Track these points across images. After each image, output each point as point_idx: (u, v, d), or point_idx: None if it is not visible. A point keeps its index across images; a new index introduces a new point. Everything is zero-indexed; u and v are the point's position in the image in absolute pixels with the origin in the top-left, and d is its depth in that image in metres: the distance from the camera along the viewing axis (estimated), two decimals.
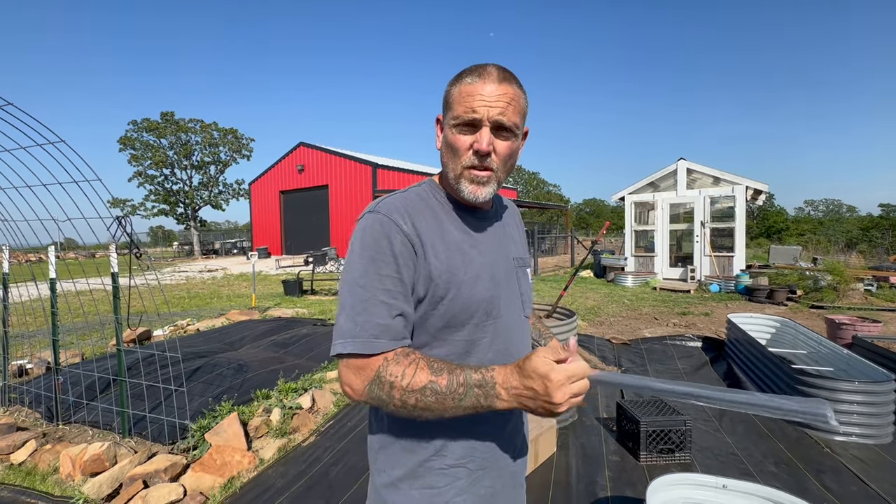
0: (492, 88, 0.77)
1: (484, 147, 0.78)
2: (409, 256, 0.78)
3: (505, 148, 0.81)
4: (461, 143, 0.80)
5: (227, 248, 29.13)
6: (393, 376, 0.71)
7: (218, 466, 2.55)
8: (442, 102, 0.86)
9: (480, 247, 0.88)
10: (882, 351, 3.97)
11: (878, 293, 8.27)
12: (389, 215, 0.79)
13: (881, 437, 2.86)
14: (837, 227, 41.11)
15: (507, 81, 0.79)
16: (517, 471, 0.93)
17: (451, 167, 0.83)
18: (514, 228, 1.03)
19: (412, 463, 0.82)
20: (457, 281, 0.81)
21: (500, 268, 0.90)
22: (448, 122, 0.82)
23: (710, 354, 4.84)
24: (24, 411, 3.35)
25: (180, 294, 10.41)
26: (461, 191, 0.83)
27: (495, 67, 0.80)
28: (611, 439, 2.96)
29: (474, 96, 0.77)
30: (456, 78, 0.82)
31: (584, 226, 53.23)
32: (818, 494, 2.32)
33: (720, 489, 1.67)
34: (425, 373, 0.71)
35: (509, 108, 0.78)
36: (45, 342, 5.33)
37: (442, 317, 0.81)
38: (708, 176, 10.90)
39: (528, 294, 0.98)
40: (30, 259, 16.41)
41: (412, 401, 0.70)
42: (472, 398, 0.70)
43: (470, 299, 0.82)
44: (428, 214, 0.84)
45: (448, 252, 0.82)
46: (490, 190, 0.83)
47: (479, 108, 0.77)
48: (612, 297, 8.82)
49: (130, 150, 29.02)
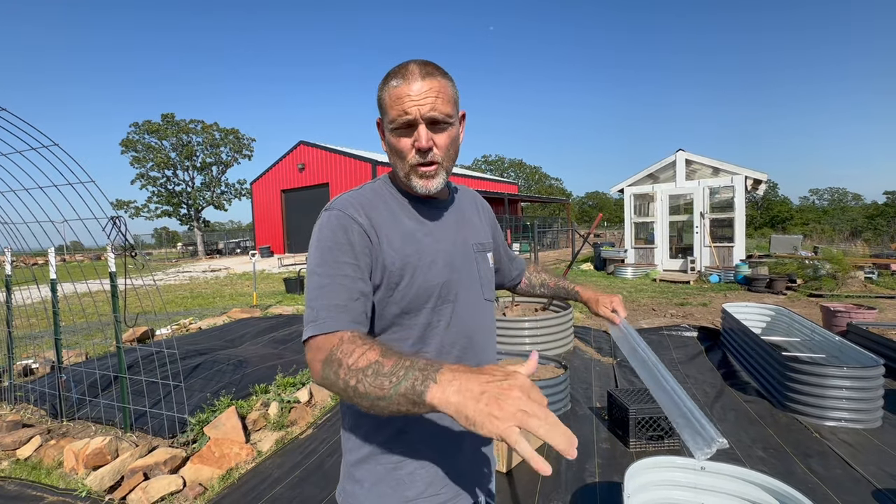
0: (417, 87, 0.80)
1: (424, 144, 0.81)
2: (364, 244, 0.82)
3: (444, 139, 0.84)
4: (403, 144, 0.84)
5: (230, 247, 29.32)
6: (343, 354, 0.68)
7: (216, 458, 2.62)
8: (377, 107, 0.88)
9: (435, 234, 0.91)
10: (875, 337, 4.00)
11: (878, 281, 8.25)
12: (344, 210, 0.84)
13: (870, 422, 2.89)
14: (842, 215, 40.81)
15: (430, 76, 0.81)
16: (482, 444, 0.96)
17: (399, 167, 0.87)
18: (476, 215, 1.06)
19: (377, 441, 0.87)
20: (411, 267, 0.85)
21: (456, 253, 0.93)
22: (387, 127, 0.85)
23: (706, 344, 4.87)
24: (30, 409, 3.44)
25: (183, 294, 10.53)
26: (413, 187, 0.86)
27: (416, 65, 0.82)
28: (602, 427, 3.00)
29: (403, 98, 0.80)
30: (383, 82, 0.85)
31: (586, 219, 53.08)
32: (803, 478, 2.36)
33: (698, 471, 1.72)
34: (375, 353, 0.67)
35: (438, 101, 0.81)
36: (50, 342, 5.42)
37: (398, 303, 0.85)
38: (707, 167, 10.87)
39: (487, 278, 1.01)
40: (37, 262, 16.61)
41: (353, 381, 0.65)
42: (409, 380, 0.60)
43: (425, 283, 0.86)
44: (382, 207, 0.88)
45: (402, 240, 0.86)
46: (439, 181, 0.86)
47: (411, 109, 0.80)
48: (611, 289, 8.84)
49: (132, 152, 29.23)
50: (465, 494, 0.91)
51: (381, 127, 0.89)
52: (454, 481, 0.90)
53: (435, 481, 0.87)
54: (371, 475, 0.87)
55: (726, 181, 10.49)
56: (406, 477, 0.86)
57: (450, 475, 0.89)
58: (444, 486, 0.88)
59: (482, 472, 0.98)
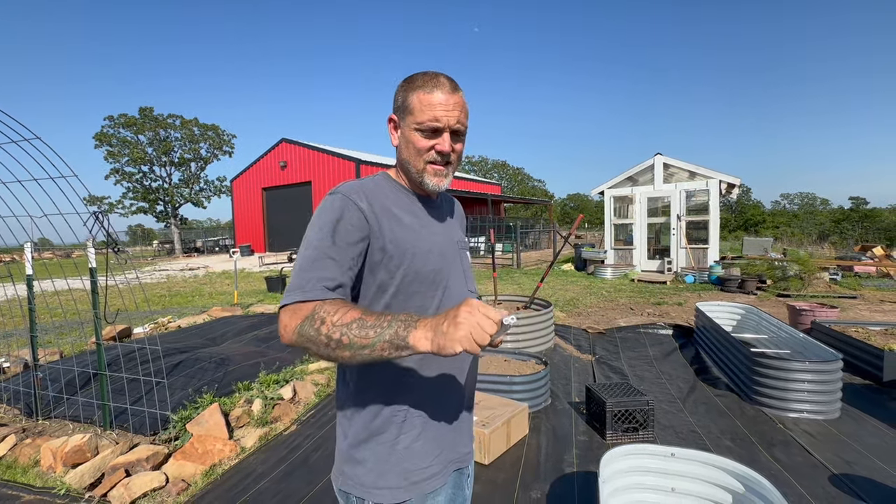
0: (447, 98, 0.90)
1: (447, 149, 0.93)
2: (363, 227, 0.88)
3: (460, 148, 0.97)
4: (423, 144, 0.93)
5: (209, 246, 28.72)
6: (326, 313, 0.75)
7: (199, 455, 2.62)
8: (396, 104, 0.96)
9: (430, 228, 1.00)
10: (836, 334, 4.23)
11: (842, 282, 8.65)
12: (348, 195, 0.90)
13: (830, 413, 3.07)
14: (811, 219, 42.50)
15: (457, 92, 0.92)
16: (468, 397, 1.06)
17: (413, 163, 0.95)
18: (456, 219, 1.16)
19: (377, 422, 0.93)
20: (410, 253, 0.92)
21: (447, 245, 1.02)
22: (409, 126, 0.93)
23: (681, 341, 5.05)
24: (3, 408, 3.36)
25: (161, 292, 10.30)
26: (425, 183, 0.96)
27: (446, 78, 0.93)
28: (581, 421, 3.11)
29: (435, 106, 0.90)
30: (410, 85, 0.93)
31: (568, 220, 53.83)
32: (766, 465, 2.50)
33: (668, 457, 1.82)
34: (358, 312, 0.76)
35: (462, 115, 0.93)
36: (23, 341, 5.27)
37: (398, 285, 0.92)
38: (684, 170, 11.21)
39: (469, 272, 1.11)
40: (3, 259, 15.98)
41: (336, 335, 0.73)
42: (391, 330, 0.73)
43: (423, 268, 0.94)
44: (383, 197, 0.95)
45: (402, 229, 0.94)
46: (448, 181, 0.98)
47: (442, 118, 0.90)
48: (590, 289, 9.04)
49: (107, 146, 28.36)
50: (454, 462, 1.02)
51: (396, 123, 0.98)
52: (446, 450, 0.99)
53: (429, 451, 0.95)
54: (373, 454, 0.93)
55: (702, 185, 10.83)
56: (404, 451, 0.93)
57: (441, 445, 0.98)
58: (437, 456, 0.96)
59: (466, 442, 1.07)
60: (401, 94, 0.95)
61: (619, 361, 4.45)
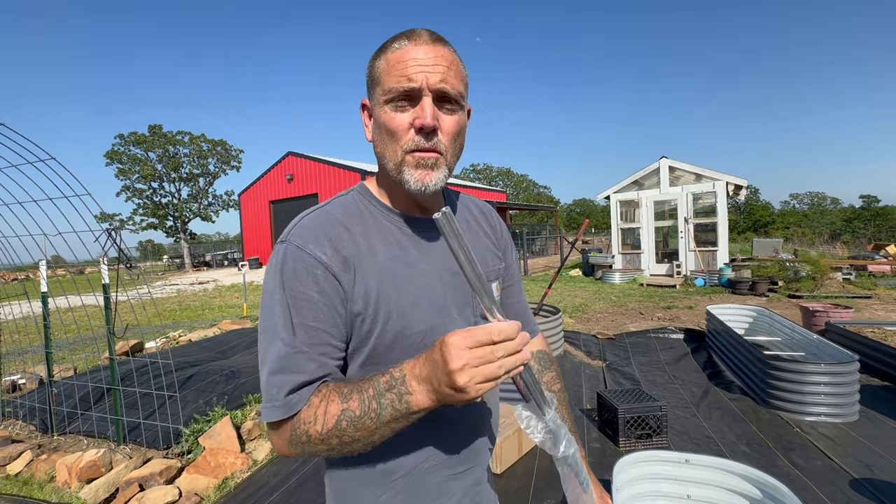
0: (426, 50, 0.64)
1: (429, 121, 0.63)
2: (331, 293, 0.66)
3: (452, 123, 0.67)
4: (399, 122, 0.65)
5: (217, 259, 29.01)
6: (306, 424, 0.61)
7: (212, 468, 2.63)
8: (366, 82, 0.70)
9: (420, 264, 0.72)
10: (851, 335, 4.16)
11: (855, 282, 8.52)
12: (304, 247, 0.66)
13: (848, 416, 3.01)
14: (821, 218, 41.99)
15: (441, 43, 0.66)
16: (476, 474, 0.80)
17: (388, 155, 0.67)
18: (482, 236, 0.85)
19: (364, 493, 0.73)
20: (385, 311, 0.67)
21: (446, 289, 0.73)
22: (378, 101, 0.66)
23: (692, 345, 4.99)
24: (19, 424, 3.40)
25: (171, 307, 10.40)
26: (406, 181, 0.66)
27: (425, 30, 0.67)
28: (593, 428, 3.08)
29: (407, 62, 0.63)
30: (380, 49, 0.68)
31: (574, 226, 53.68)
32: (785, 470, 2.45)
33: (683, 464, 1.80)
34: (335, 404, 0.60)
35: (450, 72, 0.65)
36: (37, 358, 5.35)
37: (369, 353, 0.69)
38: (690, 173, 11.16)
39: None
40: (17, 278, 16.25)
41: (335, 441, 0.60)
42: (388, 408, 0.58)
43: (405, 330, 0.69)
44: (353, 230, 0.70)
45: (377, 274, 0.68)
46: (440, 176, 0.67)
47: (416, 75, 0.63)
48: (599, 295, 8.98)
49: (118, 164, 28.92)
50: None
51: (368, 109, 0.72)
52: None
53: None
54: None
55: (708, 187, 10.77)
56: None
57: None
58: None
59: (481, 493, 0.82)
60: (369, 65, 0.69)
61: (630, 367, 4.40)
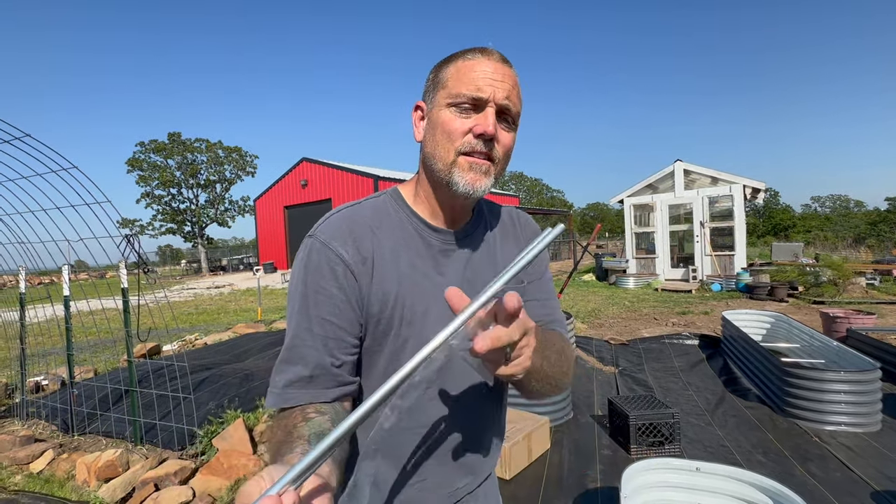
0: (497, 67, 0.68)
1: (490, 130, 0.66)
2: (349, 290, 0.69)
3: (509, 139, 0.70)
4: (458, 125, 0.67)
5: (233, 264, 29.50)
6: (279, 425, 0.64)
7: (225, 469, 2.68)
8: (427, 85, 0.74)
9: (438, 276, 0.75)
10: (874, 342, 4.04)
11: (880, 287, 8.27)
12: (329, 243, 0.69)
13: (869, 426, 2.92)
14: (845, 222, 40.81)
15: (509, 65, 0.70)
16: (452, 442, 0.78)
17: (440, 155, 0.69)
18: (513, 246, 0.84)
19: None
20: (399, 316, 0.71)
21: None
22: (440, 103, 0.69)
23: (707, 351, 4.90)
24: (42, 424, 3.51)
25: (188, 311, 10.61)
26: (455, 183, 0.69)
27: (495, 50, 0.71)
28: (604, 435, 3.04)
29: (477, 72, 0.67)
30: (450, 57, 0.71)
31: (587, 230, 53.20)
32: (801, 480, 2.39)
33: (693, 472, 1.77)
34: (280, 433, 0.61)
35: (514, 92, 0.69)
36: (60, 360, 5.50)
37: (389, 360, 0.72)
38: (705, 176, 10.99)
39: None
40: (42, 282, 16.76)
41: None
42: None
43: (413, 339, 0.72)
44: (380, 233, 0.73)
45: (397, 278, 0.71)
46: (488, 183, 0.70)
47: (486, 87, 0.66)
48: (612, 300, 8.88)
49: (138, 171, 29.73)
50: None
51: (423, 110, 0.75)
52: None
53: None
54: None
55: (724, 190, 10.59)
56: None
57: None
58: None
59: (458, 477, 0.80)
60: (433, 72, 0.73)
61: (644, 373, 4.34)
